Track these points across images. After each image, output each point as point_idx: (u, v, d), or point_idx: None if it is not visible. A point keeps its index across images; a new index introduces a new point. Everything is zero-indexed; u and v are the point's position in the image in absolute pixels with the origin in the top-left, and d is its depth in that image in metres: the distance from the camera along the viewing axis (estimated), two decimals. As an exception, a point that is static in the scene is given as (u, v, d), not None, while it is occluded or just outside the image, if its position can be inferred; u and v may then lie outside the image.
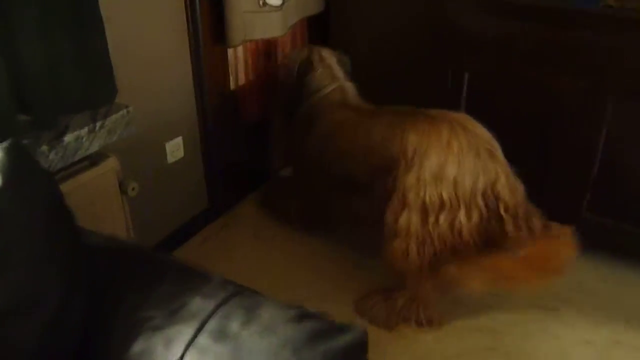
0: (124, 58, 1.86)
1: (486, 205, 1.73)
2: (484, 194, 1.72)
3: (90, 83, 1.66)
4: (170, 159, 2.24)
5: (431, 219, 1.75)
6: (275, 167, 2.60)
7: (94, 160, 1.73)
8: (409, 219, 1.78)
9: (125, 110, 1.72)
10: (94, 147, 1.65)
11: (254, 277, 2.19)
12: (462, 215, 1.72)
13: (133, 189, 1.84)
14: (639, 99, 1.93)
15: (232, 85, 2.44)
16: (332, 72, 2.21)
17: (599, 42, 1.94)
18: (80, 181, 1.67)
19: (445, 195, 1.71)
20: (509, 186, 1.75)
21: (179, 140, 2.25)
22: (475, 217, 1.73)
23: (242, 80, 2.48)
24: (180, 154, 2.27)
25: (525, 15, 2.03)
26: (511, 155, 1.98)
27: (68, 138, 1.57)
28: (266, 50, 2.55)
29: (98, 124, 1.64)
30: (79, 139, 1.59)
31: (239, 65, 2.45)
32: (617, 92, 1.95)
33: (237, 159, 2.56)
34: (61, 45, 1.57)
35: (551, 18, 2.00)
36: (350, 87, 2.19)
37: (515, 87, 2.12)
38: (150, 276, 1.27)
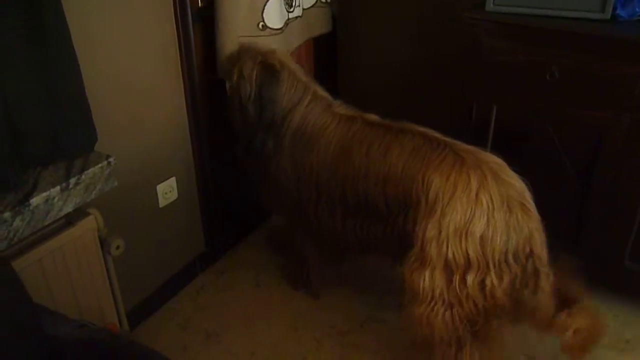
0: (107, 94, 1.65)
1: (518, 265, 1.51)
2: (515, 254, 1.50)
3: (63, 130, 1.43)
4: (163, 202, 2.01)
5: (457, 278, 1.52)
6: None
7: (70, 219, 1.50)
8: (433, 280, 1.54)
9: (106, 162, 1.49)
10: (68, 208, 1.42)
11: (256, 336, 1.99)
12: (493, 276, 1.50)
13: (117, 247, 1.62)
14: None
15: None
16: (299, 77, 1.85)
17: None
18: (54, 245, 1.46)
19: (471, 253, 1.48)
20: (541, 242, 1.53)
21: (172, 181, 2.02)
22: (506, 278, 1.51)
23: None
24: (174, 195, 2.04)
25: (561, 43, 1.80)
26: (545, 199, 1.75)
27: (36, 200, 1.33)
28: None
29: (72, 181, 1.41)
30: (50, 199, 1.36)
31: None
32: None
33: (235, 196, 2.33)
34: (25, 84, 1.33)
35: (590, 46, 1.76)
36: (324, 92, 1.87)
37: (550, 122, 1.88)
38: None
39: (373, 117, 1.79)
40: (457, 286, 1.52)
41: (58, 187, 1.37)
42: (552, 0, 1.80)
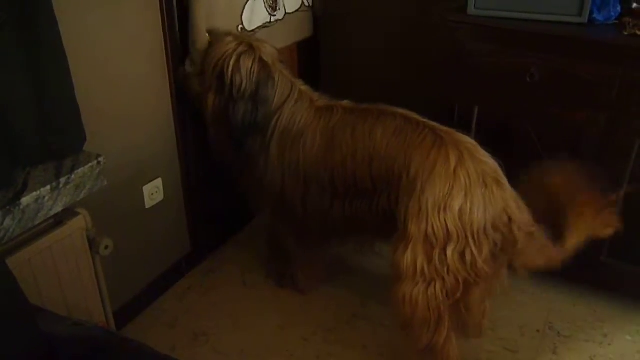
0: (93, 96, 1.65)
1: (497, 234, 1.58)
2: (493, 224, 1.57)
3: (52, 129, 1.43)
4: (149, 202, 2.01)
5: (437, 253, 1.58)
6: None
7: (59, 218, 1.50)
8: (415, 256, 1.60)
9: (95, 161, 1.50)
10: (58, 207, 1.42)
11: (244, 335, 2.01)
12: (472, 247, 1.56)
13: (106, 247, 1.62)
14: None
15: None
16: (286, 75, 1.87)
17: (619, 73, 1.76)
18: (44, 245, 1.45)
19: (450, 226, 1.55)
20: (518, 209, 1.61)
21: (158, 182, 2.02)
22: (486, 248, 1.58)
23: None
24: (160, 196, 2.05)
25: (540, 46, 1.85)
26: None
27: (26, 199, 1.33)
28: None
29: (63, 180, 1.41)
30: (40, 199, 1.36)
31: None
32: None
33: (221, 197, 2.35)
34: (16, 84, 1.33)
35: (568, 48, 1.82)
36: (304, 86, 1.90)
37: (530, 122, 1.94)
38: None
39: (349, 103, 1.84)
40: (437, 261, 1.58)
41: (48, 187, 1.37)
42: (532, 4, 1.86)
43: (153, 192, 2.02)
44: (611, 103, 1.79)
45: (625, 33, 1.76)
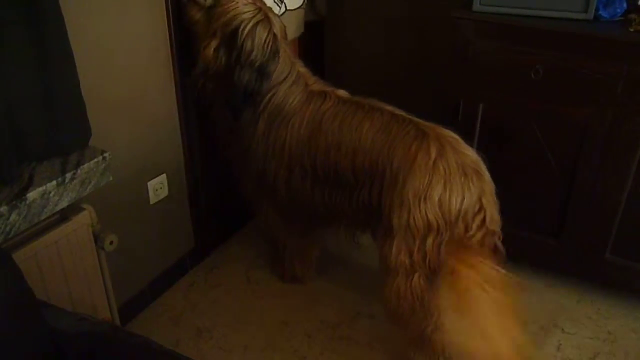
0: (98, 92, 1.65)
1: (470, 220, 1.60)
2: (467, 212, 1.59)
3: (58, 125, 1.44)
4: (154, 198, 2.02)
5: (417, 244, 1.60)
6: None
7: (64, 214, 1.51)
8: (399, 250, 1.62)
9: (101, 157, 1.50)
10: (64, 203, 1.43)
11: (248, 331, 2.01)
12: (447, 236, 1.59)
13: (111, 242, 1.63)
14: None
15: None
16: (288, 54, 1.85)
17: (625, 70, 1.76)
18: (49, 240, 1.46)
19: (431, 217, 1.57)
20: (492, 201, 1.64)
21: (162, 178, 2.03)
22: (458, 233, 1.60)
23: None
24: (165, 192, 2.05)
25: (546, 42, 1.85)
26: (529, 194, 1.79)
27: (32, 194, 1.34)
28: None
29: (68, 175, 1.41)
30: (46, 194, 1.37)
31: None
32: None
33: (225, 193, 2.35)
34: (23, 80, 1.34)
35: (573, 45, 1.82)
36: (303, 68, 1.89)
37: (535, 119, 1.93)
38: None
39: (344, 93, 1.84)
40: (417, 252, 1.60)
41: (54, 182, 1.38)
42: (537, 0, 1.86)
43: (158, 187, 2.02)
44: (616, 100, 1.79)
45: (631, 30, 1.76)
